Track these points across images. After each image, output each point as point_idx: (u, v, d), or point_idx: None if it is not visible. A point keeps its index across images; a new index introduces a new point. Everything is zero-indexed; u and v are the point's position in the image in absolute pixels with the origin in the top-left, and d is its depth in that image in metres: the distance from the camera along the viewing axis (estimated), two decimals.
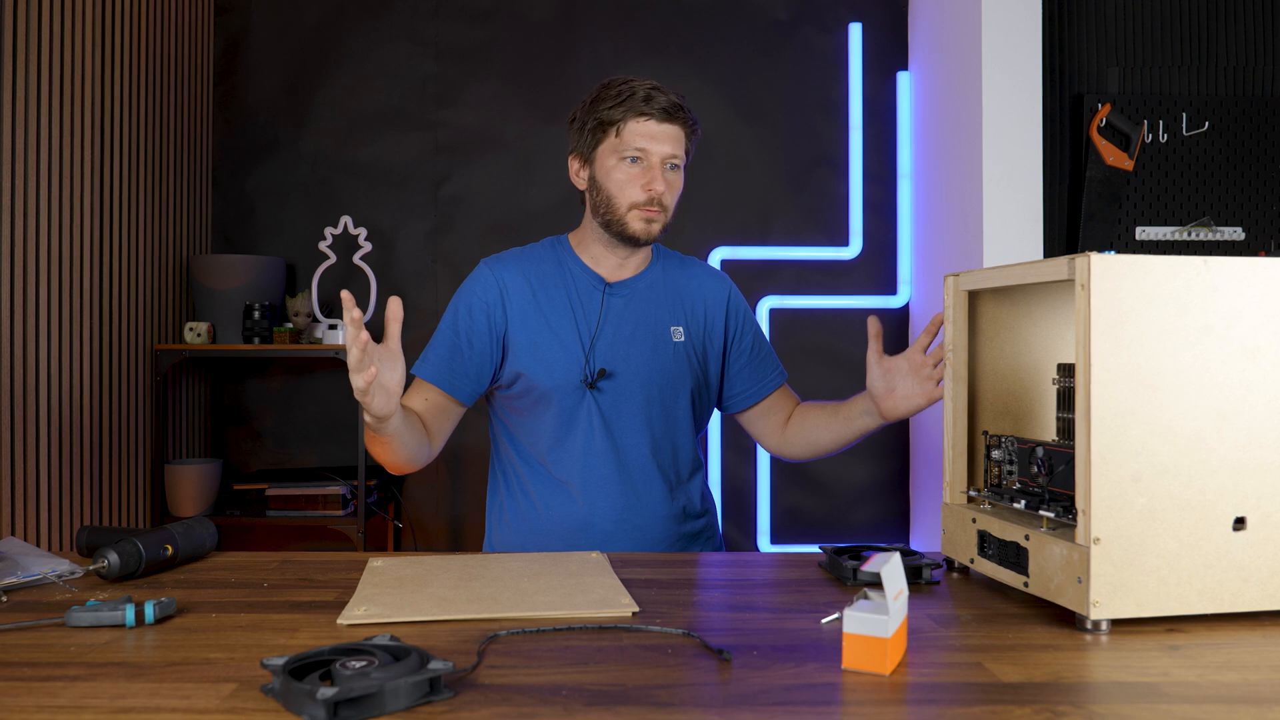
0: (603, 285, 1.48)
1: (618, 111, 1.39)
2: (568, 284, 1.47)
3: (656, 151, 1.40)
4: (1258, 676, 0.78)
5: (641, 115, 1.39)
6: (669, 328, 1.49)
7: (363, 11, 2.89)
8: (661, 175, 1.41)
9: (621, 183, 1.41)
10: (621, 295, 1.48)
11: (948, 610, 0.99)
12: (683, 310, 1.52)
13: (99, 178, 2.33)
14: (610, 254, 1.48)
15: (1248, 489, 0.92)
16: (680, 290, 1.53)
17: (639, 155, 1.40)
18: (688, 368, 1.50)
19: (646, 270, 1.51)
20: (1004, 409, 1.17)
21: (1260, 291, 0.92)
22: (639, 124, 1.39)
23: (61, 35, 2.17)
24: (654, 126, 1.40)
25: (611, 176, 1.41)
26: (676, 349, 1.49)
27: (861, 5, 2.90)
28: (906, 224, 2.88)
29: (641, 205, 1.40)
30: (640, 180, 1.40)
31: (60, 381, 2.18)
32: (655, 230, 1.43)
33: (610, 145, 1.41)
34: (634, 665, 0.80)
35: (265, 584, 1.08)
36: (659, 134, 1.40)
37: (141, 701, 0.71)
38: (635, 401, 1.45)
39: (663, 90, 1.41)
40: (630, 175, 1.40)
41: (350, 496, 2.62)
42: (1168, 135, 2.59)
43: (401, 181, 2.89)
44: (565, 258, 1.50)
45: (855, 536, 2.87)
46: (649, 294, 1.50)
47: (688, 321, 1.52)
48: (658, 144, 1.40)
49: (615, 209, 1.42)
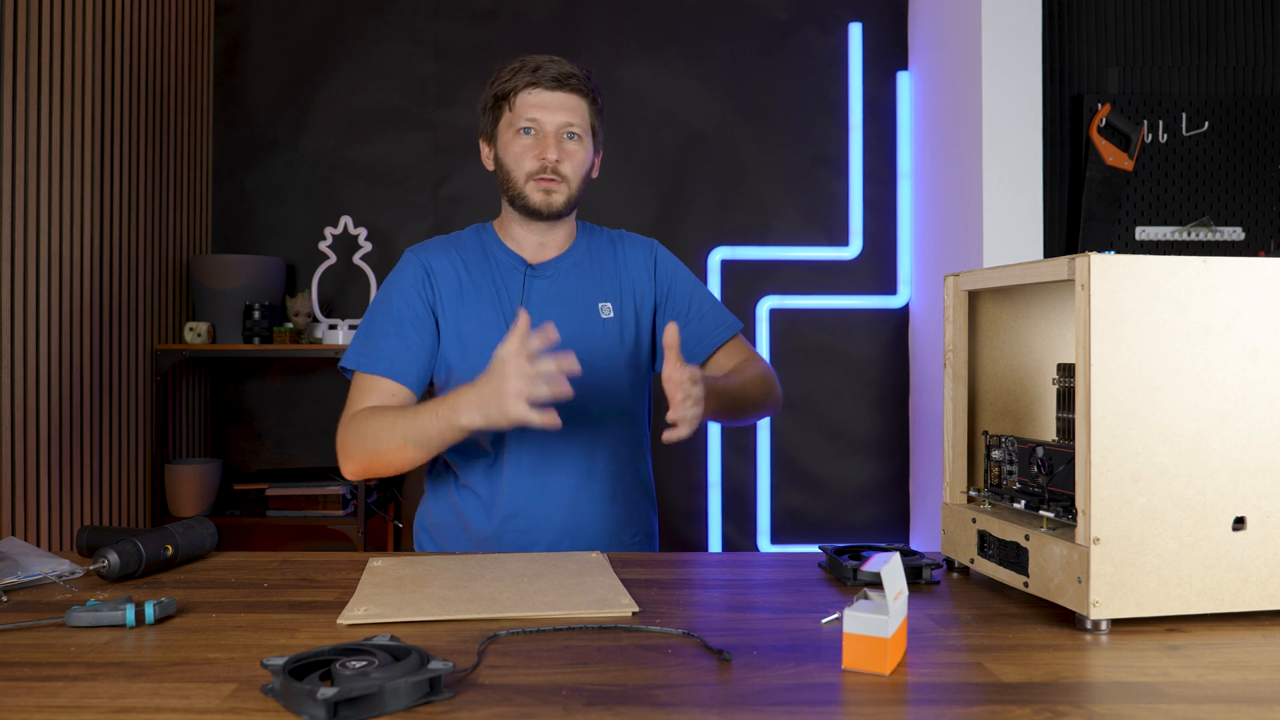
0: (524, 267, 1.46)
1: (509, 85, 1.40)
2: (491, 268, 1.46)
3: (549, 121, 1.39)
4: (1258, 676, 0.78)
5: (531, 86, 1.39)
6: (596, 304, 1.47)
7: (363, 11, 2.89)
8: (556, 144, 1.39)
9: (517, 155, 1.40)
10: (545, 276, 1.46)
11: (948, 610, 0.99)
12: (613, 285, 1.49)
13: (99, 178, 2.32)
14: (528, 234, 1.47)
15: (1248, 489, 0.92)
16: (607, 265, 1.51)
17: (531, 125, 1.39)
18: (619, 342, 1.47)
19: (571, 249, 1.50)
20: (1004, 409, 1.17)
21: (1260, 291, 0.92)
22: (529, 95, 1.39)
23: (61, 35, 2.17)
24: (545, 95, 1.39)
25: (509, 150, 1.41)
26: (606, 325, 1.46)
27: (861, 5, 2.90)
28: (906, 224, 2.88)
29: (536, 175, 1.39)
30: (534, 150, 1.39)
31: (60, 381, 2.18)
32: (557, 201, 1.41)
33: (506, 120, 1.41)
34: (634, 665, 0.80)
35: (265, 584, 1.08)
36: (550, 102, 1.39)
37: (141, 701, 0.71)
38: (571, 382, 1.42)
39: (559, 61, 1.40)
40: (524, 146, 1.40)
41: (350, 496, 2.62)
42: (1168, 135, 2.59)
43: (401, 181, 2.89)
44: (489, 243, 1.48)
45: (855, 536, 2.87)
46: (574, 272, 1.48)
47: (619, 295, 1.49)
48: (549, 113, 1.39)
49: (514, 182, 1.41)
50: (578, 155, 1.42)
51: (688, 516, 2.88)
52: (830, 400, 2.90)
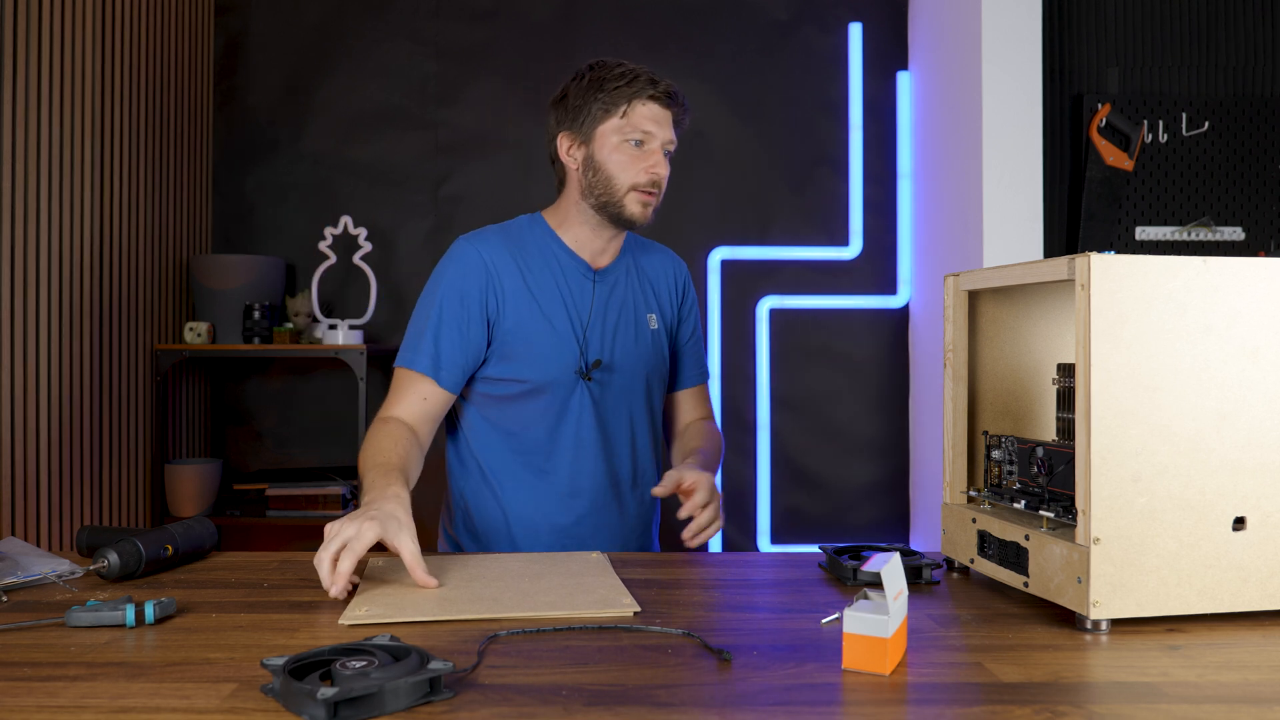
0: (591, 273, 1.46)
1: (625, 92, 1.39)
2: (554, 269, 1.45)
3: (660, 135, 1.40)
4: (1258, 676, 0.78)
5: (649, 98, 1.39)
6: (646, 315, 1.51)
7: (363, 11, 2.89)
8: (663, 159, 1.42)
9: (623, 163, 1.39)
10: (606, 283, 1.48)
11: (948, 610, 0.99)
12: (654, 296, 1.54)
13: (99, 178, 2.32)
14: (596, 237, 1.46)
15: (1248, 489, 0.92)
16: (650, 276, 1.54)
17: (643, 138, 1.40)
18: (660, 353, 1.52)
19: (621, 257, 1.51)
20: (1004, 409, 1.17)
21: (1260, 291, 0.92)
22: (646, 107, 1.39)
23: (61, 35, 2.17)
24: (659, 110, 1.40)
25: (613, 157, 1.40)
26: (654, 336, 1.51)
27: (861, 5, 2.90)
28: (906, 224, 2.88)
29: (642, 187, 1.40)
30: (643, 162, 1.39)
31: (60, 381, 2.18)
32: (649, 214, 1.43)
33: (614, 125, 1.39)
34: (634, 665, 0.80)
35: (265, 584, 1.08)
36: (663, 118, 1.40)
37: (141, 701, 0.71)
38: (624, 392, 1.46)
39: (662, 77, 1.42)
40: (633, 156, 1.39)
41: (350, 496, 2.62)
42: (1168, 135, 2.59)
43: (401, 181, 2.89)
44: (548, 240, 1.46)
45: (855, 536, 2.87)
46: (627, 281, 1.50)
47: (660, 308, 1.54)
48: (661, 128, 1.40)
49: (615, 190, 1.40)
50: (667, 171, 1.44)
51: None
52: (830, 400, 2.90)
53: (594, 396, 1.43)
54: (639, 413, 1.50)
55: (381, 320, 2.83)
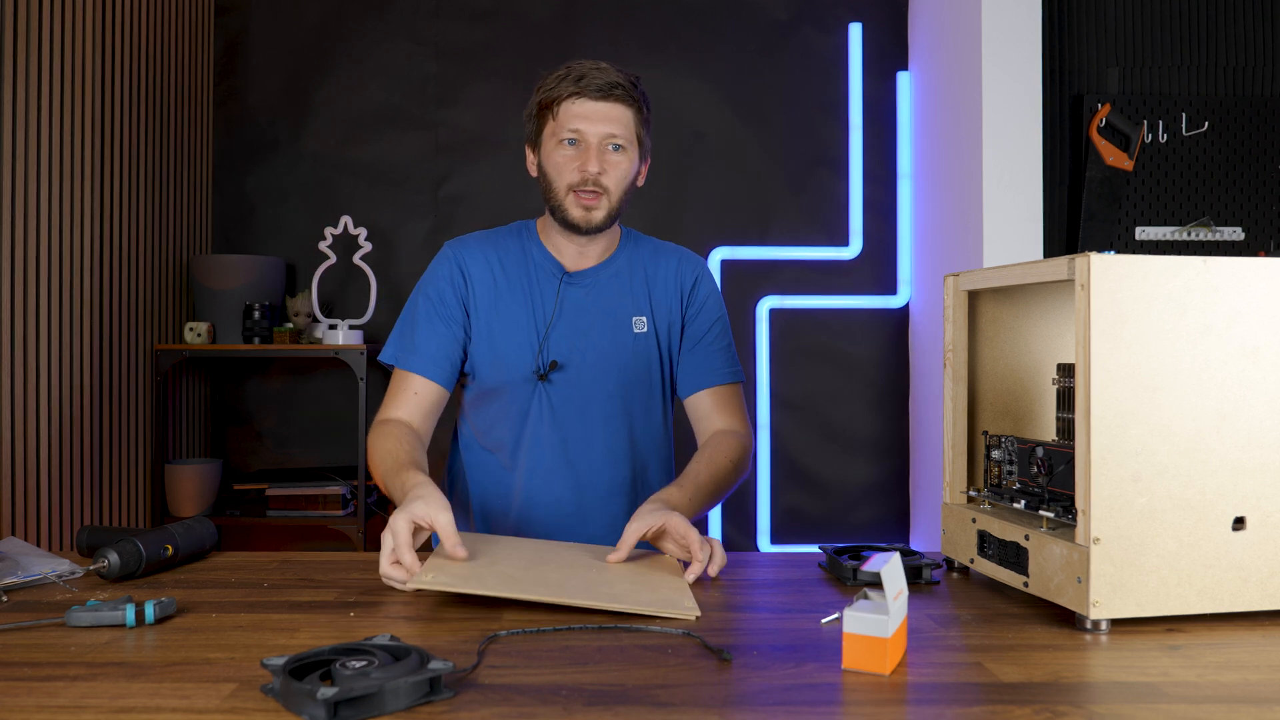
0: (561, 274, 1.44)
1: (553, 93, 1.37)
2: (528, 272, 1.44)
3: (592, 131, 1.34)
4: (1258, 676, 0.78)
5: (575, 95, 1.35)
6: (630, 318, 1.46)
7: (363, 11, 2.89)
8: (599, 156, 1.35)
9: (559, 165, 1.37)
10: (581, 285, 1.45)
11: (948, 610, 0.99)
12: (648, 299, 1.47)
13: (99, 178, 2.32)
14: (568, 242, 1.44)
15: (1247, 489, 0.92)
16: (647, 278, 1.48)
17: (574, 136, 1.36)
18: (654, 358, 1.46)
19: (611, 259, 1.47)
20: (1004, 409, 1.17)
21: (1260, 291, 0.92)
22: (573, 104, 1.35)
23: (61, 35, 2.17)
24: (589, 105, 1.35)
25: (550, 160, 1.38)
26: (638, 340, 1.45)
27: (861, 5, 2.90)
28: (906, 224, 2.88)
29: (577, 187, 1.36)
30: (575, 162, 1.36)
31: (60, 381, 2.18)
32: (596, 218, 1.37)
33: (550, 129, 1.38)
34: (634, 665, 0.80)
35: (265, 584, 1.08)
36: (594, 113, 1.35)
37: (141, 701, 0.71)
38: (589, 395, 1.42)
39: (605, 69, 1.36)
40: (566, 157, 1.36)
41: (350, 496, 2.62)
42: (1167, 135, 2.59)
43: (401, 181, 2.89)
44: (530, 245, 1.47)
45: (855, 536, 2.87)
46: (611, 283, 1.46)
47: (653, 310, 1.47)
48: (593, 124, 1.35)
49: (555, 193, 1.38)
50: (621, 166, 1.38)
51: None
52: (830, 400, 2.90)
53: (552, 399, 1.41)
54: (614, 417, 1.43)
55: (381, 320, 2.83)
